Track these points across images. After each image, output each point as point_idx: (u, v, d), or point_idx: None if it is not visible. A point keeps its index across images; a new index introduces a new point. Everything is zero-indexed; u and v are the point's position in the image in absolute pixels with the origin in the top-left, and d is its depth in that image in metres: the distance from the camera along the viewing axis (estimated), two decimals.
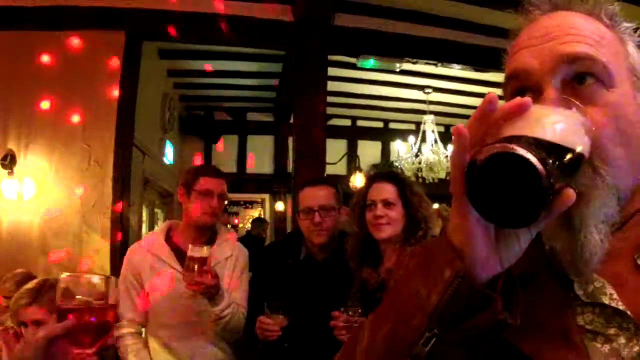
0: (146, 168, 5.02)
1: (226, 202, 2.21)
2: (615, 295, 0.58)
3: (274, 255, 2.25)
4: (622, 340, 0.56)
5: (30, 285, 1.76)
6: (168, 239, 2.07)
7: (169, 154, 6.07)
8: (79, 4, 3.87)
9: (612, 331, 0.57)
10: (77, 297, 0.89)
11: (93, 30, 3.95)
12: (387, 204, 1.71)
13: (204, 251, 1.79)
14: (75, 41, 3.93)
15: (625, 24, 0.66)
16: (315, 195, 2.03)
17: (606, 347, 0.57)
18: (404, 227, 1.70)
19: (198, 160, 4.82)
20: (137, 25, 4.06)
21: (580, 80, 0.59)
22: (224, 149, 7.19)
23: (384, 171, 2.02)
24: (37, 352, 0.89)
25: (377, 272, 1.71)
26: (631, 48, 0.65)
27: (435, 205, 5.52)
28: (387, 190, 1.73)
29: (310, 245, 2.05)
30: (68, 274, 0.94)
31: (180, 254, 1.95)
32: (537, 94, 0.62)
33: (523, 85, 0.65)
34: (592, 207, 0.55)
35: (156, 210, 6.10)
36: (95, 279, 0.92)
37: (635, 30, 0.67)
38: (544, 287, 0.61)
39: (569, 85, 0.59)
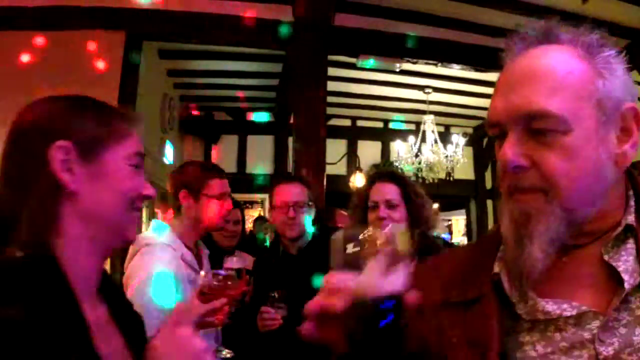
0: (146, 168, 4.96)
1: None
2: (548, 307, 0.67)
3: (262, 258, 2.41)
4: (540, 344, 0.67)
5: None
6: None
7: (168, 154, 6.07)
8: (79, 4, 3.87)
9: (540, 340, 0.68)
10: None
11: (93, 30, 3.96)
12: (390, 205, 1.70)
13: (240, 261, 1.74)
14: (75, 41, 3.95)
15: (606, 52, 0.71)
16: (292, 192, 2.15)
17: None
18: (407, 227, 1.69)
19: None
20: (137, 25, 4.06)
21: (537, 132, 0.68)
22: (224, 149, 7.20)
23: (384, 171, 1.99)
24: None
25: None
26: (607, 77, 0.69)
27: (435, 205, 5.53)
28: (390, 191, 1.72)
29: (284, 240, 2.19)
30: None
31: (198, 258, 1.91)
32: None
33: (499, 131, 0.73)
34: (538, 228, 0.67)
35: (156, 210, 6.10)
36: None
37: (621, 51, 0.72)
38: (486, 309, 0.71)
39: (528, 132, 0.68)
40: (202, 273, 1.54)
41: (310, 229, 2.18)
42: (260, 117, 7.28)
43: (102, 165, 0.75)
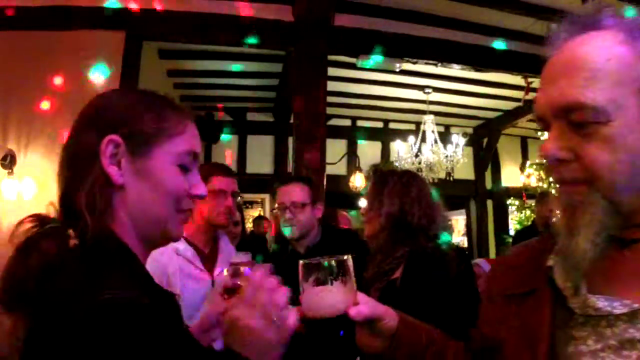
0: None
1: (239, 199, 2.20)
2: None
3: (274, 256, 2.43)
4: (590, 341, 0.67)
5: None
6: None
7: None
8: (79, 4, 3.88)
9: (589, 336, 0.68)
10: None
11: (93, 30, 3.96)
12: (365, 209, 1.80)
13: (249, 257, 1.76)
14: (75, 41, 3.95)
15: None
16: (287, 192, 2.18)
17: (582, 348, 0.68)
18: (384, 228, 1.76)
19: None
20: (137, 25, 4.06)
21: (577, 125, 0.68)
22: (224, 149, 7.19)
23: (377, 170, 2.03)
24: (215, 317, 1.28)
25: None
26: None
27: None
28: (367, 194, 1.81)
29: (291, 240, 2.22)
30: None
31: (201, 255, 1.91)
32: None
33: (543, 125, 0.75)
34: (584, 219, 0.66)
35: None
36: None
37: None
38: (540, 302, 0.72)
39: (569, 125, 0.69)
40: (224, 272, 1.51)
41: (315, 227, 2.18)
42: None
43: (148, 162, 0.76)
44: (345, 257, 0.79)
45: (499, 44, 4.81)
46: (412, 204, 1.68)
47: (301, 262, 0.79)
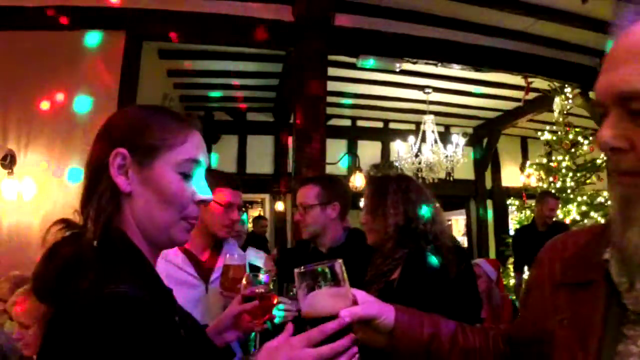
0: None
1: (244, 210, 2.18)
2: None
3: (296, 251, 2.44)
4: None
5: (27, 287, 1.76)
6: None
7: None
8: (79, 4, 3.87)
9: None
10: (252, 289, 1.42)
11: (93, 30, 3.96)
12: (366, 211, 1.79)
13: (240, 258, 1.75)
14: (75, 41, 3.95)
15: None
16: (300, 194, 2.19)
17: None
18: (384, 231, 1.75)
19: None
20: (137, 25, 4.06)
21: (636, 114, 0.65)
22: (224, 149, 7.20)
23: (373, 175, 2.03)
24: (230, 320, 1.36)
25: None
26: None
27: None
28: (365, 197, 1.80)
29: (311, 240, 2.24)
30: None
31: (194, 261, 1.85)
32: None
33: (603, 110, 0.73)
34: (638, 211, 0.63)
35: None
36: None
37: None
38: (595, 295, 0.70)
39: (629, 113, 0.66)
40: (243, 280, 1.50)
41: (330, 228, 2.13)
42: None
43: (152, 171, 0.83)
44: (334, 262, 0.82)
45: (504, 43, 4.81)
46: (414, 210, 1.69)
47: (296, 270, 0.83)
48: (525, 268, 4.59)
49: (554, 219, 4.65)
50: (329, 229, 2.11)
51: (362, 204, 1.83)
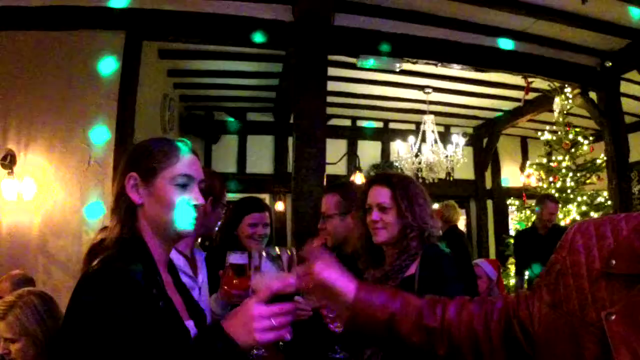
0: None
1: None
2: None
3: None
4: None
5: (6, 299, 1.73)
6: None
7: None
8: (79, 4, 3.87)
9: None
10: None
11: (93, 30, 3.96)
12: (381, 208, 1.71)
13: (243, 257, 1.77)
14: (75, 41, 3.95)
15: None
16: (322, 202, 2.27)
17: None
18: (400, 229, 1.69)
19: None
20: (137, 25, 4.06)
21: None
22: (224, 149, 7.20)
23: (381, 173, 2.00)
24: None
25: (378, 271, 1.72)
26: None
27: (436, 205, 5.52)
28: (382, 194, 1.73)
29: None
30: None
31: (187, 259, 1.88)
32: None
33: None
34: None
35: None
36: None
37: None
38: None
39: None
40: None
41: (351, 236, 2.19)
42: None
43: (155, 186, 1.13)
44: (284, 251, 1.03)
45: (504, 43, 4.81)
46: (430, 211, 1.72)
47: (259, 251, 1.04)
48: (527, 272, 4.59)
49: (553, 222, 4.65)
50: (351, 236, 2.13)
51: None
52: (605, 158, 5.51)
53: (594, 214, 5.56)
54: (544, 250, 4.78)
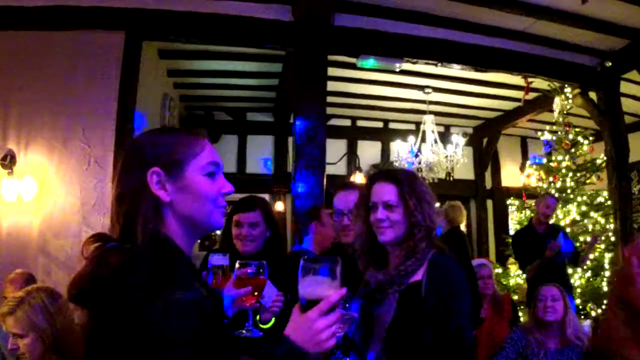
0: None
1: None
2: None
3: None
4: None
5: (15, 295, 1.75)
6: None
7: None
8: (79, 4, 3.87)
9: None
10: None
11: (93, 30, 3.96)
12: (388, 206, 1.61)
13: (223, 259, 1.82)
14: (75, 41, 3.95)
15: None
16: (341, 200, 2.20)
17: None
18: (407, 229, 1.60)
19: None
20: (137, 25, 4.06)
21: None
22: (224, 149, 7.20)
23: (384, 170, 1.89)
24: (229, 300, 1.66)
25: (381, 274, 1.64)
26: None
27: (436, 205, 5.52)
28: (388, 191, 1.63)
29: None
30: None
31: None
32: None
33: None
34: None
35: None
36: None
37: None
38: None
39: None
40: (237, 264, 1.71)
41: None
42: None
43: (184, 180, 1.01)
44: (331, 260, 1.04)
45: (504, 43, 4.81)
46: (430, 206, 1.62)
47: (302, 261, 1.04)
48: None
49: (551, 221, 4.65)
50: None
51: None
52: (605, 158, 5.51)
53: (593, 214, 5.56)
54: (542, 247, 4.77)
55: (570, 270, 4.86)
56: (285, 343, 0.97)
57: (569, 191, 5.70)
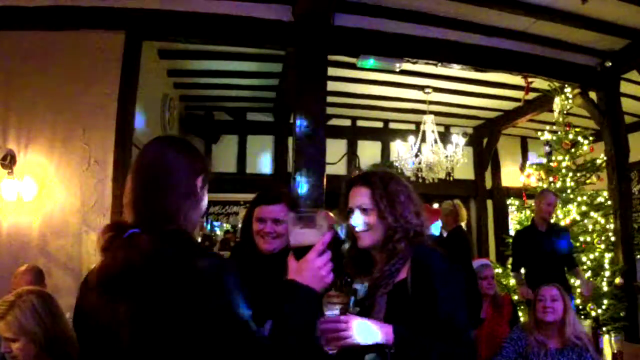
0: None
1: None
2: None
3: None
4: None
5: (5, 299, 1.74)
6: None
7: None
8: (79, 4, 3.87)
9: None
10: None
11: (93, 30, 3.96)
12: (362, 210, 1.57)
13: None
14: (75, 41, 3.95)
15: None
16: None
17: None
18: (384, 231, 1.55)
19: None
20: (137, 25, 4.06)
21: None
22: (224, 149, 7.20)
23: (361, 173, 1.82)
24: None
25: (367, 280, 1.59)
26: None
27: (436, 205, 5.52)
28: (361, 195, 1.59)
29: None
30: None
31: None
32: None
33: None
34: None
35: None
36: None
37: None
38: None
39: None
40: None
41: None
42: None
43: (203, 195, 1.20)
44: (315, 212, 1.28)
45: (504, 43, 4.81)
46: (416, 207, 1.58)
47: (291, 214, 1.28)
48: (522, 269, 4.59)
49: (552, 220, 4.65)
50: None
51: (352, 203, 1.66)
52: (605, 158, 5.51)
53: (593, 214, 5.56)
54: (544, 246, 4.77)
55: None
56: (297, 286, 1.12)
57: (569, 191, 5.69)
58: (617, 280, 5.20)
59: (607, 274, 5.25)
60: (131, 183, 1.14)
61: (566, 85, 5.68)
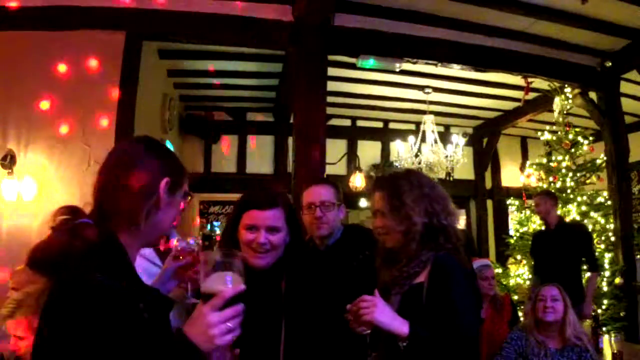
0: None
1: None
2: None
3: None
4: None
5: (14, 297, 1.76)
6: None
7: None
8: (79, 4, 3.87)
9: None
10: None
11: (93, 30, 3.96)
12: (381, 213, 1.63)
13: (192, 244, 1.70)
14: (75, 41, 3.95)
15: None
16: (318, 192, 2.26)
17: None
18: (402, 233, 1.58)
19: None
20: (137, 25, 4.06)
21: None
22: (224, 149, 7.20)
23: (380, 176, 1.94)
24: (169, 273, 1.60)
25: (388, 275, 1.63)
26: None
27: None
28: (377, 199, 1.65)
29: (314, 239, 2.30)
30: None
31: (158, 251, 2.00)
32: None
33: None
34: None
35: None
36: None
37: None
38: None
39: None
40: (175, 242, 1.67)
41: (338, 227, 2.29)
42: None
43: (175, 199, 1.15)
44: (234, 258, 1.08)
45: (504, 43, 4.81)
46: (432, 205, 1.58)
47: (208, 257, 1.09)
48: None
49: (556, 219, 4.64)
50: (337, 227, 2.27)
51: (361, 203, 1.76)
52: (605, 158, 5.51)
53: (593, 214, 5.56)
54: (553, 246, 4.75)
55: None
56: (180, 336, 0.98)
57: (569, 191, 5.69)
58: (617, 280, 5.20)
59: (607, 273, 5.25)
60: (96, 176, 1.17)
61: (566, 85, 5.68)
